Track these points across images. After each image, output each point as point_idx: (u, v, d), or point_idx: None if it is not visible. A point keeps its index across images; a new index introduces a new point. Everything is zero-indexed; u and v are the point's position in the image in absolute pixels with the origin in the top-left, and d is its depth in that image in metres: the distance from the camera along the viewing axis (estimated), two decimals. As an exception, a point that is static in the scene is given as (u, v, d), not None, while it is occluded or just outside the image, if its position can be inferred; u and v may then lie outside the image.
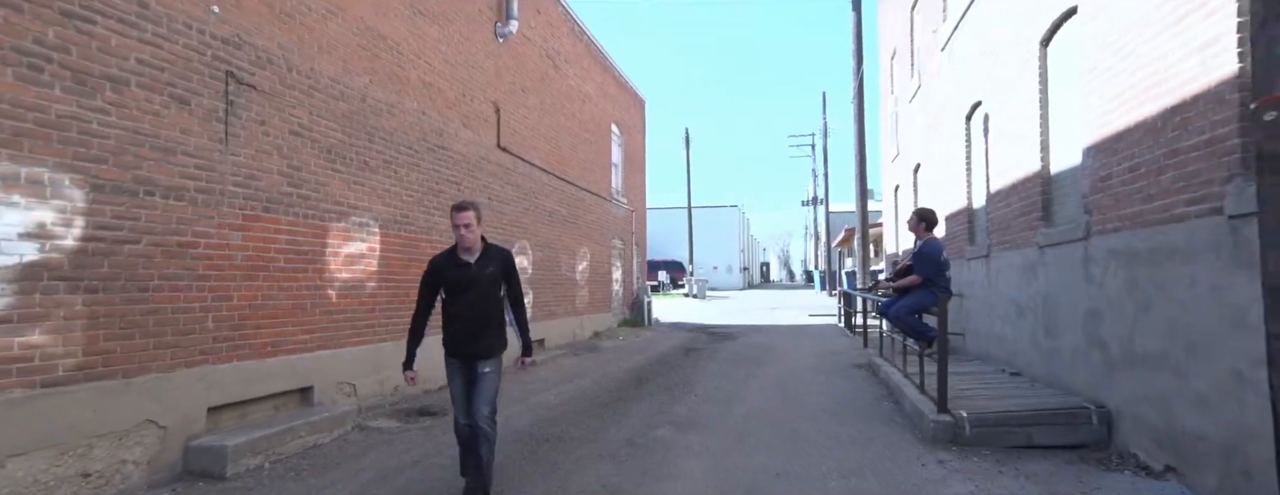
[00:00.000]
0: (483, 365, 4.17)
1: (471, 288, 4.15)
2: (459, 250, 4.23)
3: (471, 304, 4.16)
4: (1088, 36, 5.35)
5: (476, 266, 4.18)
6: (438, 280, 4.25)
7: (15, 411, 3.74)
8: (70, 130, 4.08)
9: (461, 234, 4.12)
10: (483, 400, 4.15)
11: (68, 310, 4.05)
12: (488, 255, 4.24)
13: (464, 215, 4.10)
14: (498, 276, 4.25)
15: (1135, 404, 4.70)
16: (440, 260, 4.29)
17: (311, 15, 6.23)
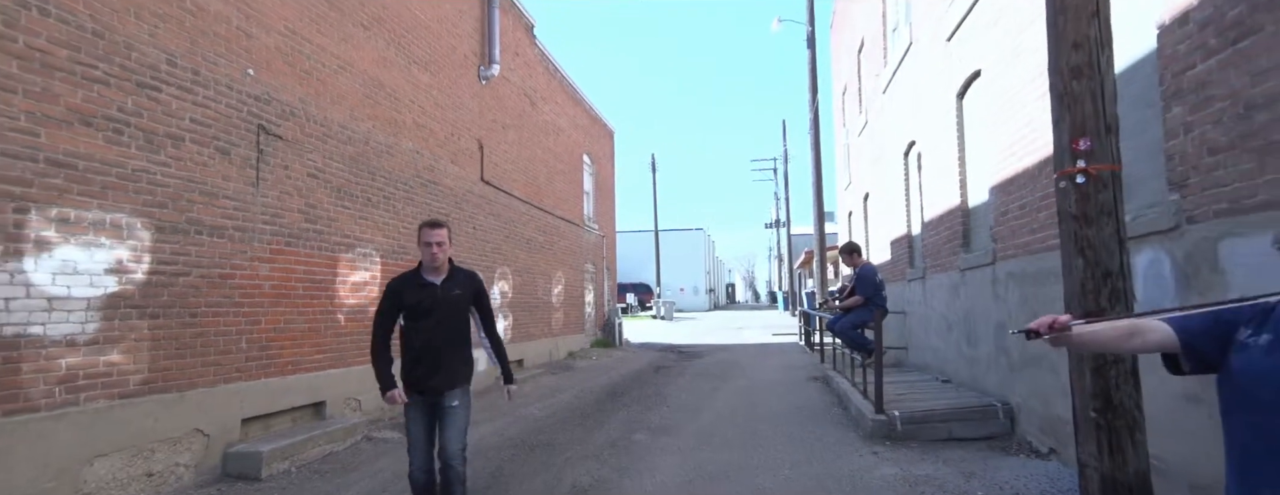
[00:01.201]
0: (450, 398, 3.76)
1: (435, 310, 3.74)
2: (423, 270, 3.84)
3: (435, 329, 3.75)
4: (989, 95, 6.44)
5: (442, 288, 3.78)
6: (396, 303, 3.80)
7: (100, 419, 4.46)
8: (141, 181, 4.84)
9: (433, 252, 3.73)
10: (453, 437, 3.73)
11: (137, 333, 4.78)
12: (454, 277, 3.86)
13: (437, 232, 3.75)
14: (465, 300, 3.87)
15: (1028, 399, 5.70)
16: (399, 282, 3.86)
17: (325, 71, 7.05)
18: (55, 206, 4.23)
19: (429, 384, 3.77)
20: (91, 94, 4.48)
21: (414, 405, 3.81)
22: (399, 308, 3.83)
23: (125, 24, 4.74)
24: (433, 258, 3.77)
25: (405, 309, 3.81)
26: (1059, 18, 3.26)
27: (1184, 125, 3.53)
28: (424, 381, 3.77)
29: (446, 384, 3.78)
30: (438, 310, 3.77)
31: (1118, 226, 3.18)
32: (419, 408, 3.82)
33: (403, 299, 3.80)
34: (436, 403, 3.79)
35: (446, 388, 3.78)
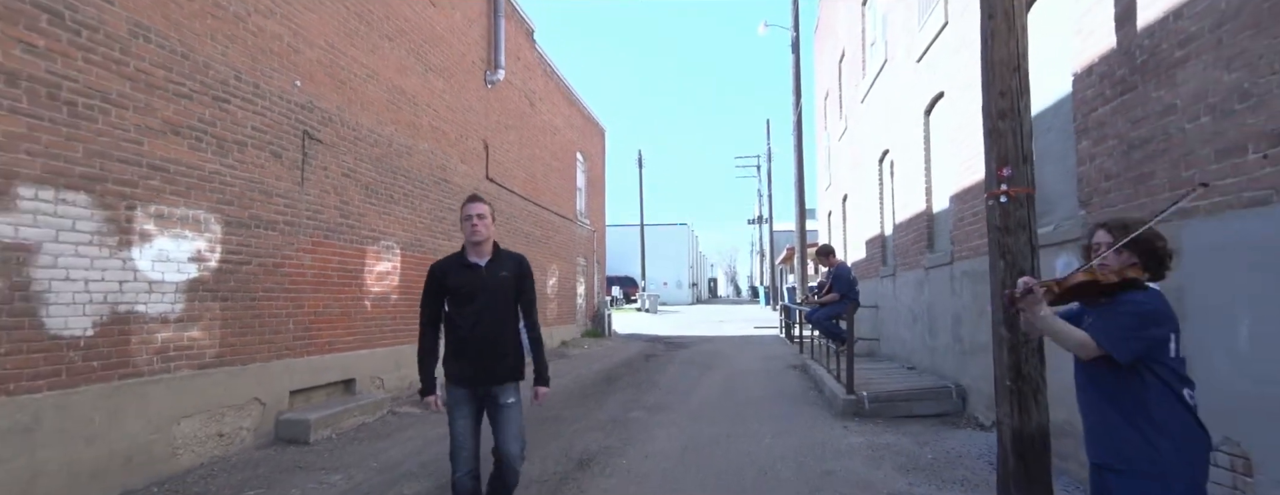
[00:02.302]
0: (504, 395, 3.46)
1: (479, 295, 3.44)
2: (467, 250, 3.55)
3: (480, 315, 3.43)
4: (951, 115, 7.32)
5: (487, 270, 3.49)
6: (440, 287, 3.53)
7: (185, 385, 5.22)
8: (215, 182, 5.59)
9: (474, 226, 3.45)
10: (511, 437, 3.45)
11: (211, 314, 5.53)
12: (500, 259, 3.56)
13: (478, 206, 3.48)
14: (511, 283, 3.55)
15: (976, 381, 6.60)
16: (442, 264, 3.57)
17: (356, 80, 7.78)
18: (154, 204, 4.98)
19: (475, 377, 3.42)
20: (180, 107, 5.22)
21: (457, 400, 3.45)
22: (443, 292, 3.51)
23: (204, 46, 5.48)
24: (474, 232, 3.45)
25: (448, 293, 3.50)
26: (988, 71, 4.12)
27: (1089, 156, 4.42)
28: (468, 374, 3.42)
29: (495, 377, 3.44)
30: (482, 294, 3.44)
31: (1031, 236, 4.06)
32: (464, 403, 3.45)
33: (445, 282, 3.49)
34: (486, 398, 3.46)
35: (496, 382, 3.44)
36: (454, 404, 3.48)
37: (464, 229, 3.51)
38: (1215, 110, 3.23)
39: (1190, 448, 2.20)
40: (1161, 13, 3.65)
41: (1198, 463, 2.22)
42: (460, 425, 3.47)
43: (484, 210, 3.51)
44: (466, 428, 3.47)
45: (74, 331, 4.34)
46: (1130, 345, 2.20)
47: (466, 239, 3.54)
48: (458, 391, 3.48)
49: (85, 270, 4.42)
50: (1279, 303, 2.90)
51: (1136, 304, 2.28)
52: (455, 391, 3.48)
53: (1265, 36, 2.92)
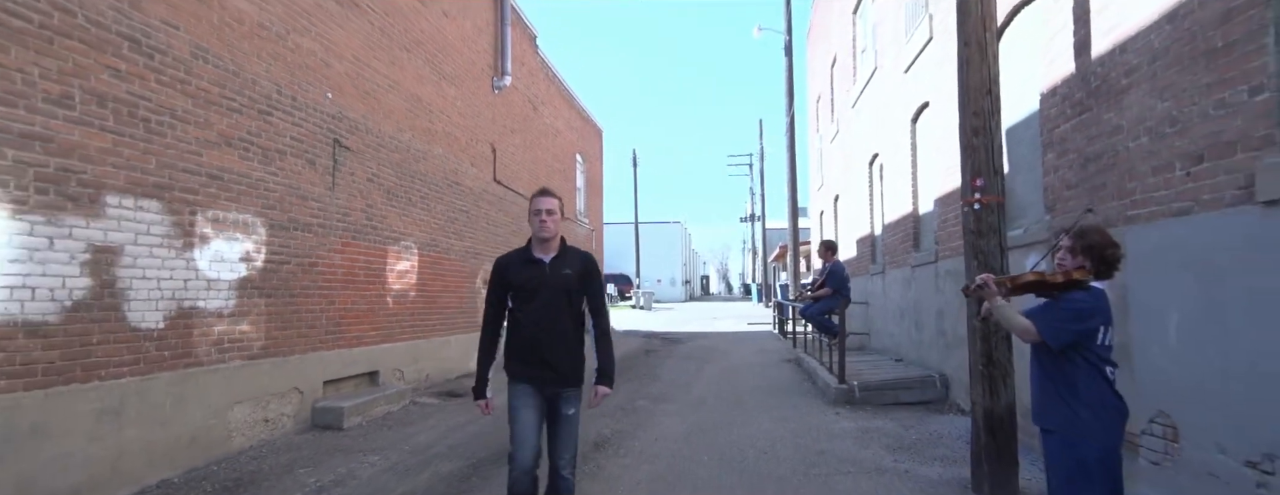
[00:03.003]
0: (566, 404, 3.36)
1: (541, 292, 3.33)
2: (533, 245, 3.43)
3: (541, 314, 3.33)
4: (935, 124, 7.89)
5: (551, 266, 3.37)
6: (503, 283, 3.43)
7: (237, 374, 5.72)
8: (260, 188, 6.09)
9: (543, 222, 3.34)
10: (565, 445, 3.35)
11: (258, 309, 6.03)
12: (565, 256, 3.43)
13: (548, 200, 3.37)
14: (575, 282, 3.41)
15: (957, 371, 7.18)
16: (505, 259, 3.48)
17: (380, 90, 8.28)
18: (211, 209, 5.47)
19: (538, 372, 3.33)
20: (232, 121, 5.71)
21: (521, 395, 3.34)
22: (505, 288, 3.42)
23: (251, 64, 5.97)
24: (542, 228, 3.34)
25: (511, 290, 3.41)
26: (964, 93, 4.68)
27: (1054, 167, 4.98)
28: (533, 370, 3.34)
29: (558, 378, 3.34)
30: (544, 292, 3.33)
31: (1000, 239, 4.62)
32: (527, 399, 3.34)
33: (507, 278, 3.40)
34: (549, 399, 3.37)
35: (560, 385, 3.34)
36: (517, 399, 3.35)
37: (532, 224, 3.38)
38: (1151, 132, 3.79)
39: (1106, 416, 2.74)
40: (1110, 45, 4.21)
41: (1112, 428, 2.76)
42: (524, 420, 3.32)
43: (553, 205, 3.37)
44: (530, 423, 3.32)
45: (149, 324, 4.84)
46: (1062, 336, 2.74)
47: (535, 234, 3.41)
48: (521, 387, 3.35)
49: (157, 270, 4.92)
50: (1199, 298, 3.46)
51: (1074, 302, 2.81)
52: (519, 387, 3.35)
53: (1187, 73, 3.47)
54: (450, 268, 10.26)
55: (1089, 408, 2.73)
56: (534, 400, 3.36)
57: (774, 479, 5.04)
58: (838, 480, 4.98)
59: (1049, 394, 2.83)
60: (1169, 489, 3.74)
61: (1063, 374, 2.79)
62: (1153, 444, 3.85)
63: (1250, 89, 3.08)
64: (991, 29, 4.73)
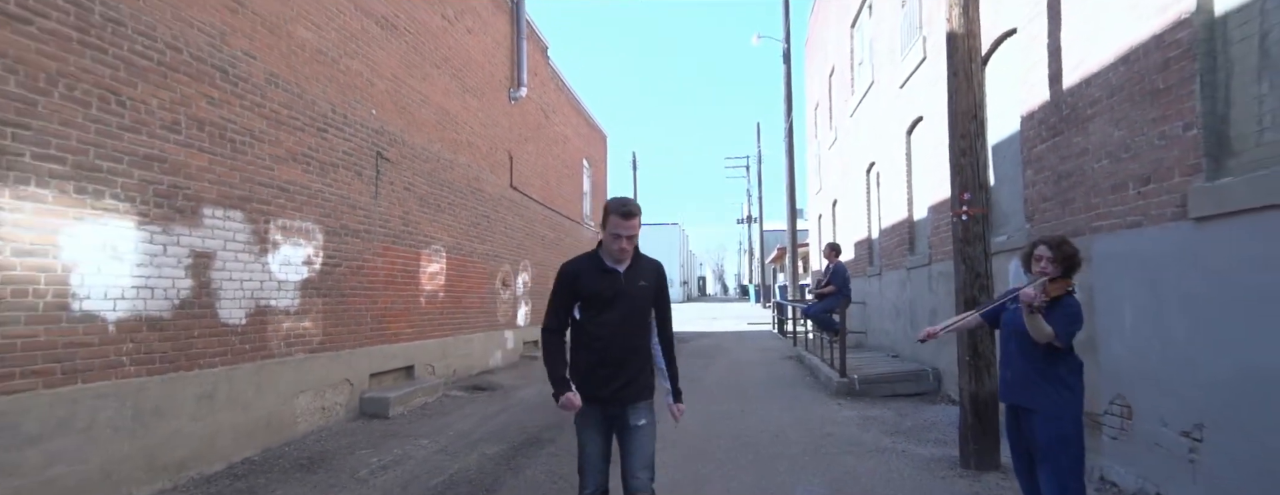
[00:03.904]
0: (635, 416, 3.16)
1: (617, 303, 3.15)
2: (602, 254, 3.23)
3: (618, 326, 3.16)
4: (929, 137, 8.56)
5: (626, 277, 3.18)
6: (572, 291, 3.22)
7: (301, 366, 6.36)
8: (319, 199, 6.72)
9: (622, 247, 3.12)
10: (641, 462, 3.14)
11: (316, 308, 6.67)
12: (640, 265, 3.25)
13: (631, 224, 3.12)
14: (650, 293, 3.26)
15: (949, 365, 7.85)
16: (576, 265, 3.24)
17: (413, 105, 8.92)
18: (280, 218, 6.11)
19: (610, 394, 3.12)
20: (297, 138, 6.35)
21: (587, 416, 3.16)
22: (575, 297, 3.21)
23: (311, 86, 6.61)
24: (620, 254, 3.15)
25: (582, 299, 3.19)
26: (953, 117, 5.35)
27: (1032, 182, 5.66)
28: (603, 390, 3.12)
29: (632, 395, 3.15)
30: (620, 303, 3.15)
31: (985, 246, 5.29)
32: (594, 420, 3.16)
33: (579, 286, 3.18)
34: (617, 417, 3.17)
35: (631, 400, 3.15)
36: (582, 423, 3.18)
37: (609, 245, 3.13)
38: (1111, 156, 4.46)
39: (1080, 398, 3.39)
40: (1078, 79, 4.88)
41: (1080, 407, 3.40)
42: (589, 445, 3.15)
43: (636, 230, 3.13)
44: (598, 447, 3.16)
45: (235, 321, 5.48)
46: (1069, 336, 3.37)
47: (609, 255, 3.18)
48: (586, 408, 3.13)
49: (240, 272, 5.56)
50: (1147, 297, 4.13)
51: (1075, 307, 3.44)
52: (584, 408, 3.12)
53: (1138, 108, 4.15)
54: (474, 270, 10.90)
55: (1069, 390, 3.36)
56: (599, 423, 3.16)
57: (786, 457, 5.69)
58: (843, 458, 5.64)
59: (1033, 379, 3.42)
60: (1125, 459, 4.41)
61: (1052, 364, 3.38)
62: (1111, 422, 4.52)
63: (1184, 124, 3.75)
64: (977, 60, 5.40)
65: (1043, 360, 3.40)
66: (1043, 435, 3.37)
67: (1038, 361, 3.42)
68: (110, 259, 4.31)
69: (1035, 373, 3.43)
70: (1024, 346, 3.48)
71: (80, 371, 4.08)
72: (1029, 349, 3.45)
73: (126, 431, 4.39)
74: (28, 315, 3.77)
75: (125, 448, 4.38)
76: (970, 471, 5.13)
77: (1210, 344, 3.61)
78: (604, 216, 3.16)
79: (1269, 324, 3.21)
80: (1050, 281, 3.37)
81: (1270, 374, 3.21)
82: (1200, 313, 3.69)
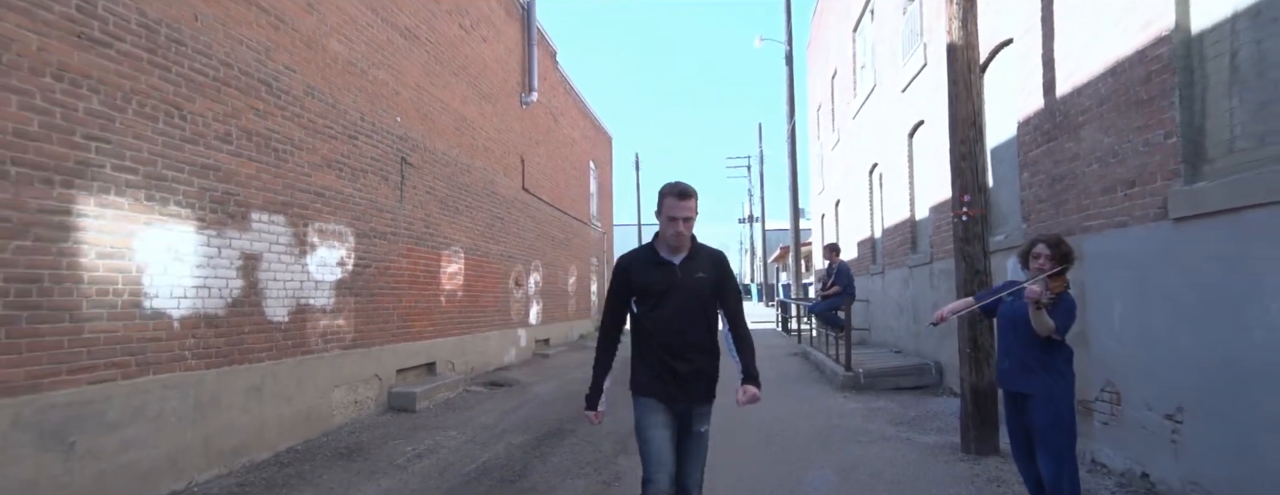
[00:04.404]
0: (698, 420, 3.10)
1: (671, 296, 3.03)
2: (658, 246, 3.11)
3: (672, 320, 3.04)
4: (930, 140, 8.90)
5: (682, 269, 3.05)
6: (626, 285, 3.11)
7: (336, 362, 6.71)
8: (350, 203, 7.07)
9: (678, 231, 2.99)
10: (694, 466, 3.10)
11: (349, 306, 7.02)
12: (697, 256, 3.10)
13: (687, 204, 2.98)
14: (709, 285, 3.10)
15: (950, 359, 8.19)
16: (630, 258, 3.13)
17: (434, 112, 9.27)
18: (317, 222, 6.46)
19: (669, 392, 3.04)
20: (331, 146, 6.70)
21: (650, 412, 3.03)
22: (629, 290, 3.09)
23: (344, 97, 6.96)
24: (677, 237, 3.00)
25: (636, 293, 3.07)
26: (953, 124, 5.69)
27: (1028, 184, 6.00)
28: (662, 389, 3.04)
29: (692, 395, 3.07)
30: (674, 296, 3.03)
31: (983, 245, 5.63)
32: (658, 416, 3.03)
33: (631, 279, 3.07)
34: (682, 415, 3.08)
35: (692, 400, 3.07)
36: (647, 417, 3.04)
37: (665, 230, 3.01)
38: (1100, 161, 4.81)
39: (1073, 384, 3.72)
40: (1070, 88, 5.22)
41: (1074, 392, 3.73)
42: (657, 440, 3.00)
43: (692, 212, 2.99)
44: (665, 440, 3.01)
45: (279, 318, 5.83)
46: (1067, 329, 3.70)
47: (666, 241, 3.07)
48: (650, 403, 3.04)
49: (283, 273, 5.91)
50: (1133, 292, 4.47)
51: (1072, 302, 3.77)
52: (647, 403, 3.04)
53: (1124, 117, 4.49)
54: (489, 270, 11.25)
55: (1063, 378, 3.69)
56: (665, 417, 3.04)
57: (797, 446, 6.04)
58: (851, 446, 5.99)
59: (1031, 367, 3.72)
60: (1114, 442, 4.75)
61: (1049, 355, 3.69)
62: (1102, 408, 4.86)
63: (1165, 133, 4.10)
64: (976, 70, 5.74)
65: (1040, 350, 3.71)
66: (1041, 418, 3.67)
67: (1035, 351, 3.72)
68: (174, 261, 4.66)
69: (1033, 361, 3.73)
70: (1022, 337, 3.77)
71: (151, 364, 4.43)
72: (1027, 340, 3.74)
73: (189, 420, 4.74)
74: (109, 312, 4.12)
75: (187, 436, 4.73)
76: (971, 456, 5.48)
77: (1188, 334, 3.95)
78: (658, 201, 3.02)
79: (1238, 316, 3.55)
80: (1050, 278, 3.65)
81: (1240, 361, 3.56)
82: (1179, 305, 4.03)
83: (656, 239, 3.14)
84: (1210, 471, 3.80)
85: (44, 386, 3.69)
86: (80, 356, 3.92)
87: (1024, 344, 3.76)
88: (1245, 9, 3.57)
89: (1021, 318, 3.73)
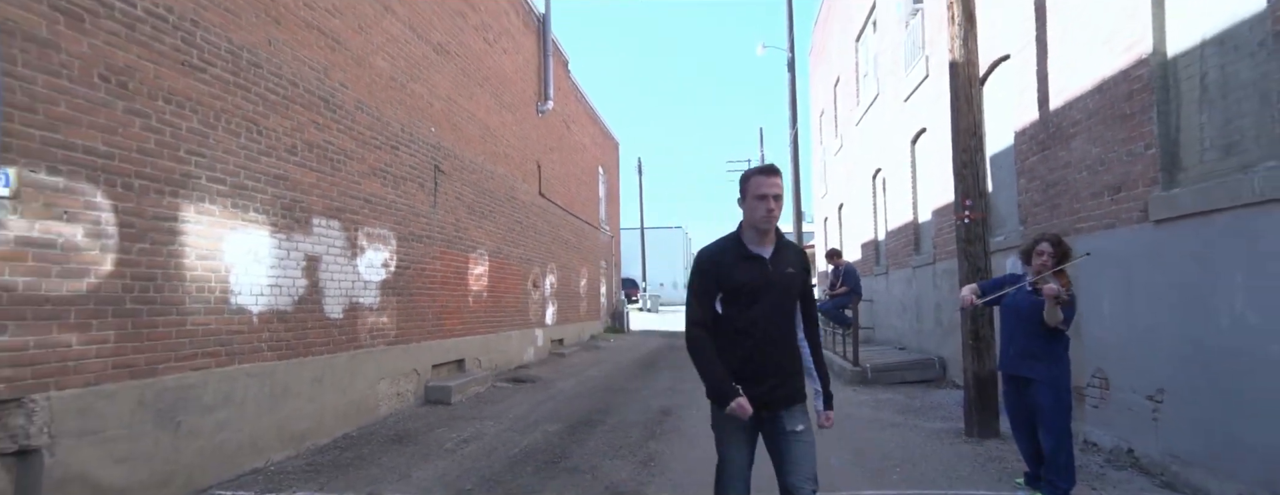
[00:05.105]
0: (792, 420, 2.79)
1: (765, 295, 2.79)
2: (747, 235, 2.86)
3: (766, 320, 2.78)
4: (932, 147, 9.41)
5: (773, 264, 2.81)
6: (713, 282, 2.85)
7: (381, 356, 7.20)
8: (392, 209, 7.57)
9: (770, 211, 2.76)
10: (805, 473, 2.76)
11: (392, 305, 7.52)
12: (785, 250, 2.87)
13: (774, 182, 2.78)
14: (797, 284, 2.88)
15: (953, 353, 8.69)
16: (715, 252, 2.88)
17: (462, 122, 9.78)
18: (365, 226, 6.96)
19: (761, 397, 2.75)
20: (377, 156, 7.21)
21: (730, 423, 2.80)
22: (717, 287, 2.84)
23: (386, 109, 7.47)
24: (768, 218, 2.77)
25: (725, 291, 2.82)
26: (955, 135, 6.20)
27: (1024, 190, 6.51)
28: (752, 393, 2.74)
29: (785, 397, 2.79)
30: (768, 294, 2.79)
31: (984, 246, 6.14)
32: (738, 430, 2.82)
33: (720, 276, 2.82)
34: (768, 422, 2.81)
35: (785, 403, 2.79)
36: (728, 430, 2.82)
37: (753, 212, 2.77)
38: (1089, 169, 5.32)
39: (1069, 368, 4.21)
40: (1061, 103, 5.74)
41: (1070, 375, 4.22)
42: (736, 455, 2.81)
43: (781, 188, 2.77)
44: (743, 457, 2.82)
45: (334, 315, 6.32)
46: (1069, 321, 4.18)
47: (753, 224, 2.80)
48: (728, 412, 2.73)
49: (338, 273, 6.41)
50: (1120, 286, 4.97)
51: (1074, 298, 4.27)
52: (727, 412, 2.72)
53: (1110, 129, 5.00)
54: (510, 272, 11.75)
55: (1061, 363, 4.17)
56: (745, 431, 2.81)
57: (813, 431, 6.53)
58: (861, 432, 6.48)
59: (1035, 353, 4.18)
60: (1104, 423, 5.25)
61: (1050, 343, 4.17)
62: (1093, 393, 5.36)
63: (1145, 144, 4.60)
64: (976, 85, 6.26)
65: (1043, 338, 4.17)
66: (1044, 400, 4.14)
67: (1038, 340, 4.18)
68: (253, 262, 5.16)
69: (1036, 349, 4.19)
70: (1026, 327, 4.23)
71: (237, 354, 4.92)
72: (1031, 330, 4.20)
73: (265, 406, 5.23)
74: (205, 307, 4.61)
75: (265, 420, 5.22)
76: (973, 439, 5.97)
77: (1168, 323, 4.46)
78: (742, 186, 2.82)
79: (1207, 307, 4.05)
80: (1056, 275, 4.09)
81: (1209, 347, 4.06)
82: (1160, 298, 4.53)
83: (741, 229, 2.88)
84: (1185, 444, 4.31)
85: (159, 371, 4.18)
86: (184, 346, 4.41)
87: (1028, 333, 4.22)
88: (1212, 37, 4.09)
89: (1026, 309, 4.22)
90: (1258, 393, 3.65)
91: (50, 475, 3.43)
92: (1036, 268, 4.23)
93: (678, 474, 5.18)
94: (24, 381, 3.35)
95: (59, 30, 3.55)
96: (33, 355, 3.40)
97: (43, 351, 3.45)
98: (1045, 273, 4.13)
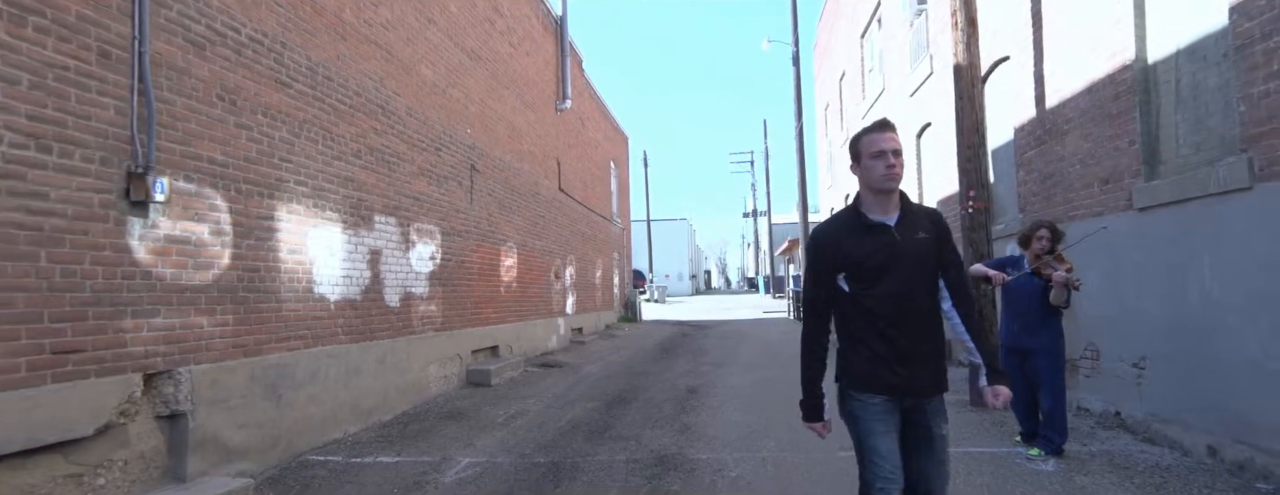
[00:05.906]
0: (936, 421, 2.49)
1: (894, 268, 2.40)
2: (866, 203, 2.48)
3: (899, 298, 2.41)
4: (937, 141, 9.96)
5: (901, 230, 2.42)
6: (834, 262, 2.48)
7: (430, 341, 7.81)
8: (437, 206, 8.16)
9: (892, 169, 2.37)
10: (938, 473, 2.49)
11: (438, 295, 8.12)
12: (913, 215, 2.48)
13: (891, 137, 2.40)
14: (932, 248, 2.46)
15: (958, 333, 9.26)
16: (833, 228, 2.54)
17: (492, 122, 10.35)
18: (415, 222, 7.55)
19: (896, 384, 2.44)
20: (424, 158, 7.79)
21: (874, 413, 2.47)
22: (837, 268, 2.48)
23: (431, 114, 8.05)
24: (888, 178, 2.38)
25: (848, 269, 2.46)
26: (959, 133, 6.76)
27: (1023, 181, 7.07)
28: (888, 380, 2.44)
29: (922, 386, 2.47)
30: (898, 266, 2.41)
31: (987, 233, 6.70)
32: (885, 419, 2.47)
33: (839, 254, 2.47)
34: (911, 412, 2.50)
35: (930, 391, 2.49)
36: (868, 415, 2.49)
37: (870, 172, 2.42)
38: (1081, 163, 5.88)
39: (1063, 340, 4.78)
40: (1057, 102, 6.29)
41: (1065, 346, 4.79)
42: (886, 450, 2.46)
43: (898, 143, 2.42)
44: (893, 445, 2.47)
45: (393, 303, 6.93)
46: (1069, 302, 4.75)
47: (873, 186, 2.44)
48: (873, 401, 2.47)
49: (395, 265, 7.00)
50: (1109, 266, 5.54)
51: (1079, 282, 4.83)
52: (869, 402, 2.47)
53: (1100, 126, 5.56)
54: (535, 264, 12.35)
55: (1059, 334, 4.76)
56: (892, 419, 2.48)
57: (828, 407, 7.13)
58: (876, 404, 7.07)
59: (1035, 327, 4.79)
60: (1096, 391, 5.84)
61: (1048, 317, 4.74)
62: (1085, 364, 5.95)
63: (1129, 141, 5.17)
64: (978, 85, 6.81)
65: (1040, 314, 4.75)
66: (1045, 367, 4.73)
67: (1037, 315, 4.76)
68: (329, 256, 5.75)
69: (1037, 322, 4.76)
70: (1030, 305, 4.78)
71: (320, 337, 5.53)
72: (1031, 308, 4.76)
73: (341, 384, 5.84)
74: (295, 295, 5.22)
75: (341, 396, 5.83)
76: (976, 409, 6.56)
77: (1150, 299, 5.04)
78: (852, 149, 2.49)
79: (1182, 283, 4.63)
80: (1057, 260, 4.64)
81: (1183, 318, 4.64)
82: (1143, 277, 5.11)
83: (859, 199, 2.52)
84: (1163, 405, 4.89)
85: (264, 350, 4.79)
86: (281, 329, 5.02)
87: (1030, 310, 4.80)
88: (1185, 47, 4.65)
89: (1030, 290, 4.79)
90: (1220, 357, 4.24)
91: (194, 436, 4.04)
92: (1035, 251, 4.79)
93: (713, 440, 5.78)
94: (173, 356, 3.95)
95: (190, 58, 4.14)
96: (179, 334, 4.00)
97: (185, 332, 4.06)
98: (1045, 257, 4.69)
